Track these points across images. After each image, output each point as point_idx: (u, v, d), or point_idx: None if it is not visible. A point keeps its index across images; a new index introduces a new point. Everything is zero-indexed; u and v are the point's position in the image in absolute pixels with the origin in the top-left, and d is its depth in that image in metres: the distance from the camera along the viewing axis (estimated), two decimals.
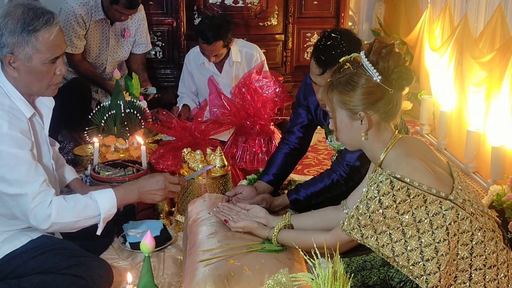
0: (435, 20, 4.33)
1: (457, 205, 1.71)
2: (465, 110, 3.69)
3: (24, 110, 2.10)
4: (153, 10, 4.46)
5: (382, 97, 1.77)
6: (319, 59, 2.21)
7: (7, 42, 2.01)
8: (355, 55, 1.80)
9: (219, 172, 2.71)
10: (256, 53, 3.92)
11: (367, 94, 1.75)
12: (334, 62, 2.12)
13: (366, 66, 1.76)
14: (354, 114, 1.78)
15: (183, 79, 4.08)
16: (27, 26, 2.01)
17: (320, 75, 2.23)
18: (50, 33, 2.04)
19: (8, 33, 2.00)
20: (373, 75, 1.75)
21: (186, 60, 4.04)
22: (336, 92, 1.79)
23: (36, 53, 2.03)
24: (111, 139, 3.16)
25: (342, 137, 1.86)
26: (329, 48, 2.19)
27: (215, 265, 1.92)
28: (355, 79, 1.76)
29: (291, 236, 2.03)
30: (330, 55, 2.16)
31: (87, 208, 2.11)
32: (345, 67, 1.79)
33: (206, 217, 2.29)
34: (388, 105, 1.78)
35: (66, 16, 3.78)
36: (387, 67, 1.75)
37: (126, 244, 2.60)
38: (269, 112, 3.20)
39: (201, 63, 3.91)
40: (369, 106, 1.76)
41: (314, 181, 2.47)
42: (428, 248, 1.68)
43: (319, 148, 4.04)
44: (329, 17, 4.67)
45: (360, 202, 1.74)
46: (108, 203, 2.15)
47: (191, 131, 3.11)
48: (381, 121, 1.80)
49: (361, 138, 1.81)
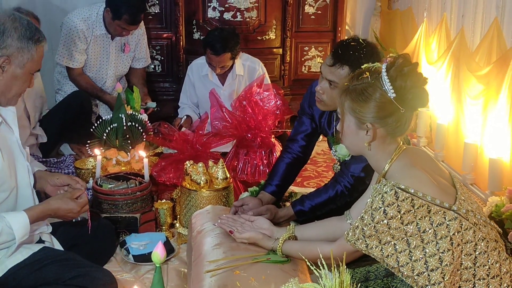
0: (431, 34, 4.38)
1: (461, 215, 1.73)
2: (463, 122, 3.73)
3: None
4: (152, 25, 4.51)
5: (392, 114, 1.78)
6: (336, 51, 2.26)
7: (10, 45, 2.03)
8: (377, 65, 1.82)
9: (221, 184, 2.73)
10: (258, 67, 3.97)
11: (378, 108, 1.77)
12: (346, 61, 2.20)
13: (383, 80, 1.77)
14: (361, 123, 1.80)
15: (185, 89, 4.11)
16: (33, 35, 2.07)
17: (329, 66, 2.26)
18: (44, 47, 2.13)
19: (17, 36, 2.04)
20: (388, 91, 1.76)
21: (189, 71, 4.07)
22: (349, 98, 1.81)
23: (30, 62, 2.08)
24: (113, 152, 3.18)
25: (346, 141, 1.90)
26: (349, 47, 2.25)
27: (221, 275, 1.93)
28: (370, 91, 1.78)
29: (295, 247, 2.04)
30: (347, 53, 2.22)
31: (1, 235, 2.04)
32: (364, 75, 1.80)
33: (210, 228, 2.31)
34: (397, 123, 1.80)
35: (67, 30, 3.81)
36: (403, 86, 1.76)
37: (129, 257, 2.61)
38: (270, 124, 3.22)
39: (204, 74, 3.95)
40: (378, 120, 1.79)
41: (319, 192, 2.49)
42: (432, 258, 1.70)
43: (318, 161, 4.07)
44: (326, 31, 4.73)
45: (365, 212, 1.76)
46: (23, 229, 2.07)
47: (192, 143, 3.14)
48: (387, 135, 1.82)
49: (363, 147, 1.84)
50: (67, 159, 3.70)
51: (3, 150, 2.12)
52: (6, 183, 2.12)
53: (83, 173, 3.41)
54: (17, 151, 2.23)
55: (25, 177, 2.22)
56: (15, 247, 2.10)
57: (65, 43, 3.82)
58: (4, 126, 2.18)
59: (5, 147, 2.15)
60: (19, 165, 2.22)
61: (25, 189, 2.23)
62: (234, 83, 3.92)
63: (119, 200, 2.79)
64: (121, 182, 2.89)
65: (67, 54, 3.82)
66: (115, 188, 2.83)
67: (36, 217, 2.16)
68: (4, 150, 2.13)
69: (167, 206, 2.84)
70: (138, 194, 2.81)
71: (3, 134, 2.16)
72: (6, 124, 2.20)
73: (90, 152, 3.21)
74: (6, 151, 2.15)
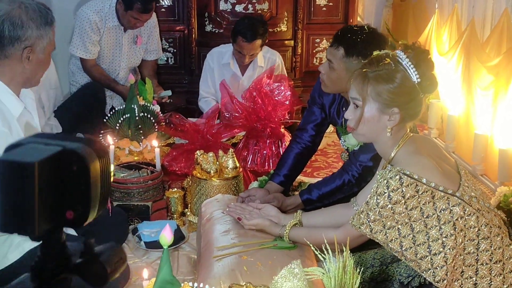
0: (442, 25, 4.38)
1: (464, 201, 1.76)
2: (473, 113, 3.74)
3: (15, 106, 2.13)
4: (164, 17, 4.55)
5: (414, 98, 1.82)
6: (336, 33, 2.33)
7: (31, 35, 2.05)
8: (393, 53, 1.84)
9: (231, 173, 2.77)
10: (278, 60, 4.03)
11: (405, 93, 1.80)
12: (342, 42, 2.27)
13: (406, 66, 1.80)
14: (387, 108, 1.81)
15: (205, 77, 4.07)
16: (46, 19, 2.07)
17: (330, 47, 2.34)
18: (54, 26, 2.13)
19: (35, 26, 2.04)
20: (412, 75, 1.80)
21: (209, 58, 4.06)
22: (374, 84, 1.81)
23: (49, 45, 2.11)
24: (126, 142, 3.23)
25: (363, 128, 1.86)
26: (350, 30, 2.31)
27: (229, 260, 1.98)
28: (397, 76, 1.80)
29: (302, 233, 2.08)
30: (345, 35, 2.28)
31: None
32: (385, 61, 1.81)
33: (219, 216, 2.35)
34: (417, 107, 1.84)
35: (80, 22, 3.87)
36: (425, 71, 1.81)
37: (141, 243, 2.66)
38: (280, 115, 3.26)
39: (225, 63, 3.97)
40: (403, 104, 1.81)
41: (326, 181, 2.52)
42: (435, 242, 1.73)
43: (329, 152, 4.10)
44: (338, 23, 4.71)
45: (370, 197, 1.79)
46: None
47: (203, 134, 3.18)
48: (402, 120, 1.85)
49: (381, 133, 1.85)
50: None
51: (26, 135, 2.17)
52: None
53: None
54: None
55: None
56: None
57: (79, 34, 3.88)
58: (25, 111, 2.24)
59: (30, 133, 2.21)
60: None
61: None
62: (254, 74, 3.94)
63: (131, 188, 2.84)
64: (133, 171, 2.95)
65: (81, 45, 3.89)
66: (127, 177, 2.89)
67: None
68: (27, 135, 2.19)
69: (178, 195, 2.89)
70: (149, 183, 2.87)
71: (27, 121, 2.22)
72: (26, 109, 2.26)
73: (103, 142, 3.27)
74: None
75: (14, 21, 2.04)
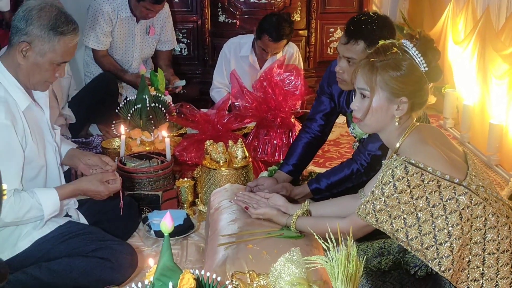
0: (458, 14, 4.32)
1: (471, 190, 1.74)
2: (488, 103, 3.69)
3: (21, 100, 2.16)
4: (178, 8, 4.56)
5: (422, 87, 1.81)
6: (348, 29, 2.28)
7: (31, 32, 2.09)
8: (399, 42, 1.82)
9: (240, 163, 2.77)
10: (295, 52, 4.03)
11: (413, 82, 1.79)
12: (360, 36, 2.21)
13: (414, 55, 1.78)
14: (396, 97, 1.79)
15: (220, 68, 4.06)
16: (57, 27, 2.11)
17: (344, 44, 2.28)
18: (71, 41, 2.15)
19: (38, 25, 2.09)
20: (420, 64, 1.78)
21: (225, 48, 4.05)
22: (382, 73, 1.78)
23: (51, 52, 2.12)
24: (137, 132, 3.25)
25: (370, 118, 1.84)
26: (361, 21, 2.26)
27: (235, 249, 1.98)
28: (405, 65, 1.78)
29: (308, 222, 2.07)
30: (359, 28, 2.23)
31: (30, 211, 2.14)
32: (392, 51, 1.80)
33: (227, 205, 2.36)
34: (424, 96, 1.82)
35: (93, 12, 3.90)
36: (431, 60, 1.79)
37: (151, 232, 2.69)
38: (290, 105, 3.25)
39: (244, 55, 3.97)
40: (412, 93, 1.79)
41: (335, 171, 2.51)
42: (441, 232, 1.71)
43: (341, 142, 4.08)
44: (352, 12, 4.67)
45: (376, 187, 1.78)
46: (52, 206, 2.19)
47: (213, 124, 3.19)
48: (410, 110, 1.83)
49: (388, 122, 1.83)
50: (95, 140, 3.81)
51: (33, 129, 2.21)
52: (35, 161, 2.21)
53: (109, 153, 3.50)
54: (47, 131, 2.32)
55: (53, 156, 2.32)
56: (43, 223, 2.20)
57: (91, 25, 3.91)
58: (35, 107, 2.27)
59: (36, 127, 2.24)
60: (48, 145, 2.31)
61: (53, 168, 2.33)
62: None
63: (142, 178, 2.86)
64: (144, 161, 2.97)
65: (92, 36, 3.92)
66: (138, 166, 2.91)
67: (66, 196, 2.26)
68: (35, 130, 2.22)
69: (188, 185, 2.91)
70: (160, 172, 2.89)
71: (34, 115, 2.25)
72: (37, 105, 2.29)
73: (115, 132, 3.30)
74: (37, 131, 2.24)
75: (26, 13, 2.10)
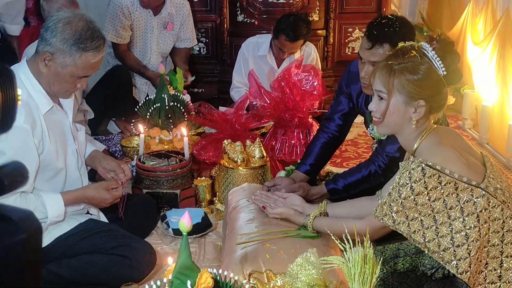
0: (477, 14, 4.29)
1: (489, 193, 1.73)
2: (507, 104, 3.66)
3: (43, 104, 2.20)
4: (197, 7, 4.59)
5: (440, 91, 1.81)
6: (370, 33, 2.27)
7: (55, 44, 2.13)
8: (418, 45, 1.83)
9: (258, 162, 2.78)
10: (313, 52, 4.04)
11: (431, 86, 1.79)
12: (384, 39, 2.21)
13: (432, 58, 1.79)
14: (413, 101, 1.79)
15: (239, 67, 4.09)
16: (80, 43, 2.13)
17: (368, 49, 2.27)
18: (94, 57, 2.17)
19: (61, 38, 2.12)
20: (439, 68, 1.78)
21: (244, 48, 4.08)
22: (400, 76, 1.79)
23: (72, 66, 2.15)
24: (156, 131, 3.29)
25: (388, 120, 1.85)
26: (383, 25, 2.26)
27: (252, 248, 2.01)
28: (423, 69, 1.78)
29: (325, 223, 2.09)
30: (382, 31, 2.24)
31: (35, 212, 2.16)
32: (410, 54, 1.80)
33: (245, 204, 2.38)
34: (442, 100, 1.83)
35: (113, 7, 3.96)
36: (450, 64, 1.79)
37: (169, 230, 2.71)
38: (308, 105, 3.25)
39: (262, 55, 3.99)
40: (429, 97, 1.79)
41: (352, 171, 2.51)
42: (458, 234, 1.71)
43: (359, 142, 4.08)
44: (371, 12, 4.68)
45: (393, 189, 1.78)
46: (57, 210, 2.22)
47: (231, 123, 3.21)
48: (428, 113, 1.83)
49: (406, 125, 1.83)
50: (115, 138, 3.85)
51: (54, 133, 2.24)
52: (52, 164, 2.25)
53: (128, 151, 3.56)
54: (69, 135, 2.36)
55: (73, 160, 2.35)
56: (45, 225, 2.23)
57: (111, 19, 3.96)
58: (58, 110, 2.31)
59: (57, 131, 2.28)
60: (69, 149, 2.35)
61: (73, 171, 2.37)
62: None
63: (160, 176, 2.89)
64: (162, 160, 3.00)
65: (112, 30, 3.97)
66: (156, 165, 2.94)
67: (71, 201, 2.29)
68: (55, 133, 2.26)
69: (206, 183, 2.93)
70: (178, 171, 2.92)
71: (57, 118, 2.29)
72: (60, 108, 2.33)
73: (134, 130, 3.34)
74: (57, 134, 2.27)
75: (52, 24, 2.14)
